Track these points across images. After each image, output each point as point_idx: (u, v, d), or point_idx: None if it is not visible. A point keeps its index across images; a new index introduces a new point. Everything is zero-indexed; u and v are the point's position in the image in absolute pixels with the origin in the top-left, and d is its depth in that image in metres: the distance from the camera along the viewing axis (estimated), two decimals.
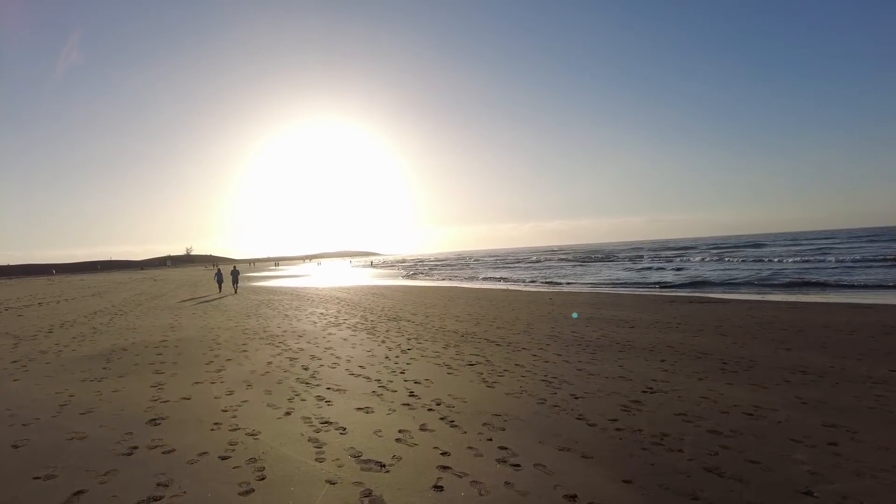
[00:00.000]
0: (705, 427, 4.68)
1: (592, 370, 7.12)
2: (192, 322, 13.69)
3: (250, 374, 7.15)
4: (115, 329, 12.37)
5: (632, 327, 11.41)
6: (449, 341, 9.74)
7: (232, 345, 9.75)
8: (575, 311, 14.92)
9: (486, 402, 5.56)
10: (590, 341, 9.53)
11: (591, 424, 4.79)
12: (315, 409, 5.38)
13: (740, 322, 11.92)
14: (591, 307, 15.86)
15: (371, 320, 13.33)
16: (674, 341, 9.43)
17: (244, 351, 9.04)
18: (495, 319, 13.09)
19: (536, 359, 7.94)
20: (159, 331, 11.95)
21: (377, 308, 16.72)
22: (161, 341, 10.28)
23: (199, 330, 12.01)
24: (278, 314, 15.43)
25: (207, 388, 6.36)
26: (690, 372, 6.95)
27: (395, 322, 12.89)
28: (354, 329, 11.71)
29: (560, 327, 11.46)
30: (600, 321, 12.41)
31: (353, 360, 8.06)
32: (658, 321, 12.33)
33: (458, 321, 12.88)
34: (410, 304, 18.31)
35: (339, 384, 6.44)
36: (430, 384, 6.39)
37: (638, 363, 7.57)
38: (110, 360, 8.25)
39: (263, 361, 8.02)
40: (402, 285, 32.21)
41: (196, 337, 10.86)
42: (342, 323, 12.90)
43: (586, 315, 13.70)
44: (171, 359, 8.39)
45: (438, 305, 17.39)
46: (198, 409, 5.40)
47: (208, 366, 7.76)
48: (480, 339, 9.89)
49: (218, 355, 8.64)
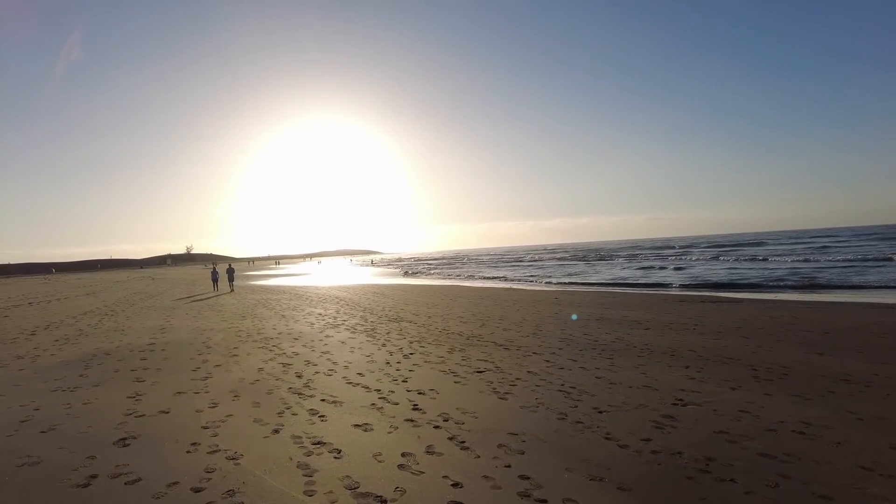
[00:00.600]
0: (754, 449, 4.07)
1: (613, 378, 6.51)
2: (184, 323, 13.10)
3: (239, 382, 6.55)
4: (102, 331, 11.77)
5: (647, 329, 10.80)
6: (454, 345, 9.14)
7: (223, 348, 9.15)
8: (582, 311, 14.32)
9: (500, 418, 4.96)
10: (605, 345, 8.92)
11: (623, 446, 4.19)
12: (307, 425, 4.78)
13: (759, 323, 11.31)
14: (600, 307, 15.26)
15: (371, 321, 12.73)
16: (694, 344, 8.82)
17: (235, 355, 8.44)
18: (501, 320, 12.48)
19: (550, 365, 7.33)
20: (148, 333, 11.35)
21: (377, 308, 16.11)
22: (148, 344, 9.68)
23: (191, 332, 11.41)
24: (275, 314, 14.84)
25: (190, 399, 5.76)
26: (720, 380, 6.34)
27: (396, 323, 12.29)
28: (353, 331, 11.11)
29: (571, 329, 10.85)
30: (612, 322, 11.80)
31: (351, 366, 7.46)
32: (673, 322, 11.72)
33: (462, 322, 12.28)
34: (411, 303, 17.71)
35: (336, 395, 5.83)
36: (436, 395, 5.79)
37: (661, 370, 6.96)
38: (89, 367, 7.65)
39: (254, 368, 7.42)
40: (402, 284, 31.62)
41: (186, 339, 10.27)
42: (341, 324, 12.30)
43: (596, 316, 13.09)
44: (155, 364, 7.79)
45: (441, 305, 16.79)
46: (175, 426, 4.80)
47: (194, 372, 7.16)
48: (487, 343, 9.28)
49: (206, 360, 8.05)
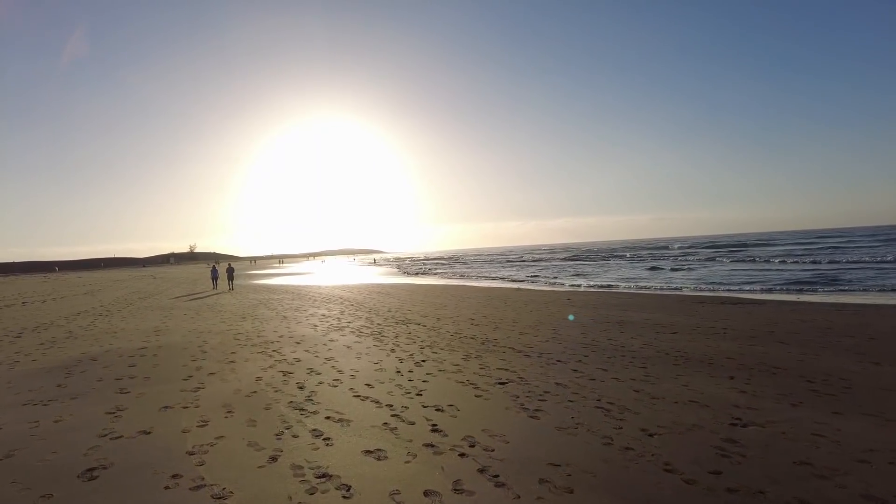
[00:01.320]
0: (854, 488, 3.35)
1: (653, 391, 5.79)
2: (180, 325, 12.44)
3: (234, 394, 5.87)
4: (93, 333, 11.12)
5: (674, 333, 10.06)
6: (469, 350, 8.43)
7: (219, 353, 8.47)
8: (599, 313, 13.59)
9: (535, 442, 4.25)
10: (634, 351, 8.20)
11: (690, 481, 3.47)
12: (310, 451, 4.09)
13: (792, 327, 10.55)
14: (617, 309, 14.52)
15: (377, 323, 12.04)
16: (731, 351, 8.09)
17: (232, 362, 7.76)
18: (515, 323, 11.77)
19: (579, 375, 6.61)
20: (141, 335, 10.69)
21: (383, 309, 15.42)
22: (140, 349, 9.01)
23: (187, 334, 10.74)
24: (276, 315, 14.16)
25: (177, 415, 5.08)
26: (775, 394, 5.61)
27: (403, 326, 11.59)
28: (359, 334, 10.42)
29: (592, 333, 10.13)
30: (635, 326, 11.06)
31: (358, 375, 6.76)
32: (699, 325, 10.98)
33: (473, 325, 11.57)
34: (418, 304, 17.01)
35: (342, 411, 5.14)
36: (456, 412, 5.08)
37: (704, 381, 6.24)
38: (71, 374, 6.98)
39: (252, 377, 6.73)
40: (407, 283, 30.93)
41: (180, 343, 9.60)
42: (345, 326, 11.61)
43: (615, 318, 12.36)
44: (144, 372, 7.11)
45: (449, 306, 16.08)
46: (156, 452, 4.11)
47: (185, 382, 6.48)
48: (505, 348, 8.57)
49: (200, 367, 7.36)
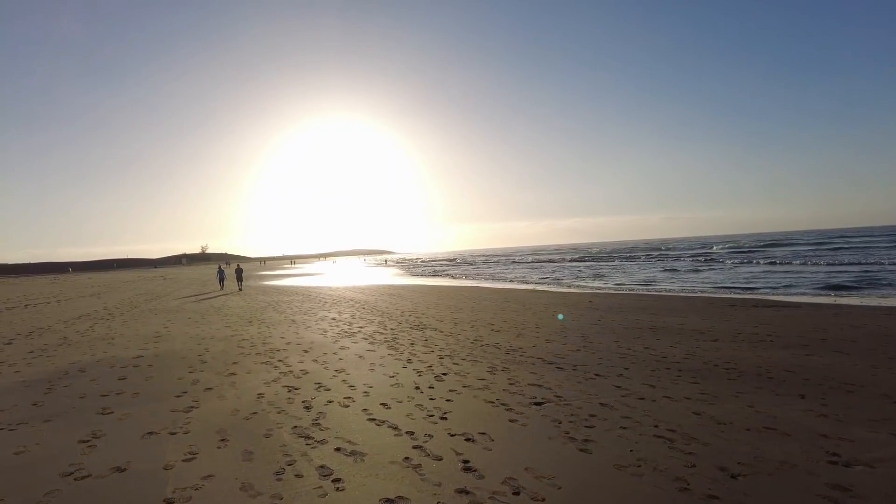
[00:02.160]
0: None
1: (716, 414, 4.94)
2: (183, 330, 11.79)
3: (231, 415, 5.13)
4: (88, 339, 10.50)
5: (715, 340, 9.17)
6: (493, 361, 7.62)
7: (220, 363, 7.77)
8: (627, 317, 12.70)
9: (594, 488, 3.43)
10: (677, 362, 7.33)
11: None
12: (316, 498, 3.32)
13: (844, 333, 9.59)
14: (645, 313, 13.61)
15: (391, 328, 11.28)
16: (787, 362, 7.19)
17: (232, 374, 7.04)
18: (539, 329, 10.93)
19: (624, 393, 5.78)
20: (140, 341, 10.04)
21: (396, 312, 14.67)
22: (135, 357, 8.34)
23: (188, 341, 10.07)
24: (285, 319, 13.48)
25: (162, 444, 4.34)
26: (865, 419, 4.74)
27: (419, 331, 10.82)
28: (372, 340, 9.67)
29: (626, 340, 9.27)
30: (670, 332, 10.17)
31: (372, 391, 6.00)
32: (739, 331, 10.06)
33: (494, 331, 10.76)
34: (433, 307, 16.23)
35: (355, 440, 4.37)
36: (490, 443, 4.28)
37: (771, 401, 5.37)
38: (52, 389, 6.29)
39: (253, 393, 6.00)
40: (419, 285, 30.19)
41: (180, 351, 8.92)
42: (357, 332, 10.87)
43: (647, 323, 11.46)
44: (134, 386, 6.41)
45: (465, 309, 15.28)
46: (127, 497, 3.37)
47: (178, 399, 5.76)
48: (533, 359, 7.75)
49: (197, 381, 6.65)
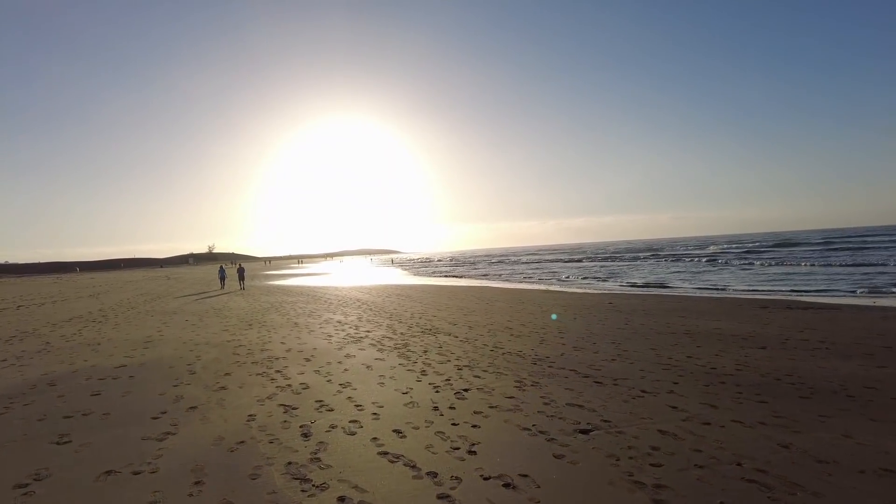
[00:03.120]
0: None
1: (809, 447, 3.98)
2: (177, 334, 10.96)
3: (213, 446, 4.24)
4: (72, 345, 9.68)
5: (762, 348, 8.17)
6: (519, 373, 6.68)
7: (210, 375, 6.90)
8: (657, 321, 11.71)
9: None
10: (731, 375, 6.35)
11: None
12: None
13: None
14: (674, 315, 12.59)
15: (401, 333, 10.38)
16: (858, 376, 6.19)
17: (223, 388, 6.16)
18: (563, 334, 9.98)
19: (684, 416, 4.82)
20: (127, 348, 9.21)
21: (405, 314, 13.77)
22: (117, 367, 7.50)
23: (180, 347, 9.23)
24: (287, 322, 12.63)
25: (118, 491, 3.44)
26: None
27: (432, 336, 9.91)
28: (381, 347, 8.77)
29: (663, 348, 8.29)
30: (709, 337, 9.18)
31: (382, 412, 5.09)
32: (786, 337, 9.03)
33: (514, 336, 9.82)
34: (443, 308, 15.31)
35: (363, 485, 3.45)
36: (536, 490, 3.34)
37: (867, 427, 4.39)
38: (10, 408, 5.41)
39: (243, 414, 5.11)
40: (427, 285, 29.30)
41: (169, 359, 8.07)
42: (364, 337, 9.98)
43: (680, 328, 10.46)
44: (105, 405, 5.54)
45: (478, 311, 14.35)
46: None
47: (154, 423, 4.88)
48: (564, 371, 6.80)
49: (181, 397, 5.78)
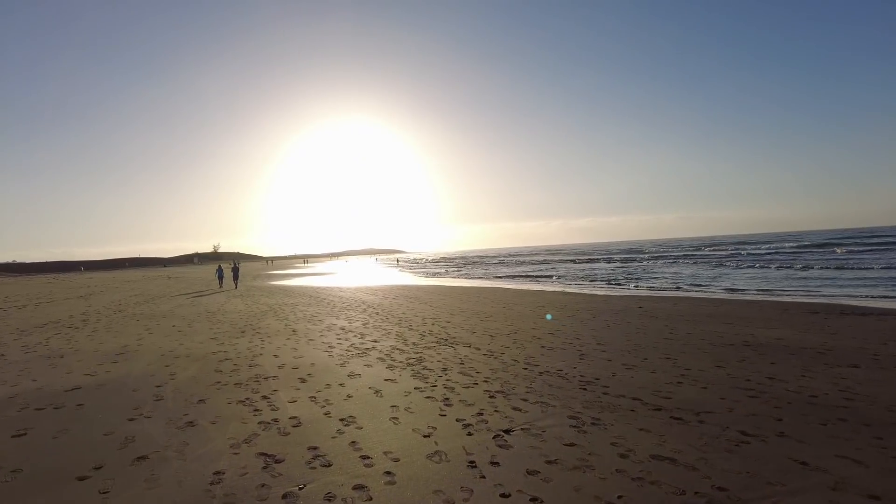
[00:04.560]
0: None
1: None
2: (158, 343, 9.61)
3: None
4: (30, 357, 8.32)
5: (854, 366, 6.70)
6: (570, 403, 5.24)
7: (181, 402, 5.51)
8: (701, 328, 10.24)
9: None
10: (846, 408, 4.88)
11: None
12: None
13: None
14: (720, 322, 11.09)
15: (413, 343, 8.98)
16: None
17: (190, 424, 4.77)
18: (603, 346, 8.52)
19: (829, 482, 3.35)
20: (94, 361, 7.85)
21: (415, 319, 12.38)
22: (69, 390, 6.12)
23: (156, 360, 7.86)
24: (284, 329, 11.26)
25: None
26: None
27: (449, 348, 8.50)
28: (391, 362, 7.37)
29: (731, 365, 6.82)
30: (779, 352, 7.68)
31: (399, 471, 3.66)
32: (874, 352, 7.54)
33: (545, 348, 8.39)
34: (457, 312, 13.90)
35: None
36: None
37: None
38: None
39: (208, 470, 3.71)
40: (435, 285, 27.90)
41: (137, 378, 6.69)
42: (371, 348, 8.59)
43: (737, 337, 8.96)
44: (22, 454, 4.14)
45: (497, 317, 12.92)
46: None
47: (75, 489, 3.48)
48: (625, 399, 5.34)
49: (132, 439, 4.39)
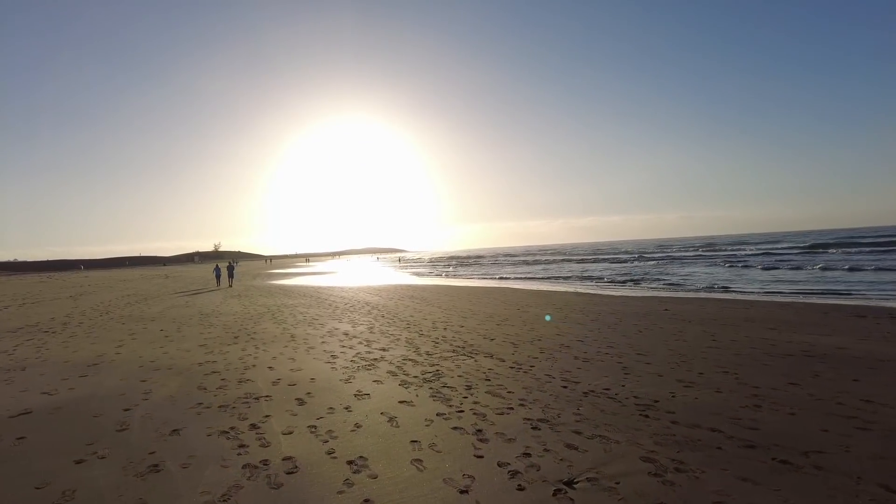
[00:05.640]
0: None
1: None
2: (139, 351, 8.55)
3: None
4: None
5: None
6: (637, 437, 4.15)
7: (149, 433, 4.44)
8: (743, 333, 9.13)
9: None
10: None
11: None
12: None
13: None
14: (760, 327, 9.95)
15: (426, 352, 7.90)
16: None
17: (153, 469, 3.69)
18: (647, 357, 7.42)
19: None
20: (59, 375, 6.79)
21: (425, 323, 11.30)
22: (15, 416, 5.05)
23: (132, 374, 6.80)
24: (282, 334, 10.20)
25: None
26: None
27: (469, 359, 7.42)
28: (404, 377, 6.29)
29: (808, 383, 5.72)
30: (847, 362, 6.56)
31: None
32: None
33: (579, 360, 7.30)
34: (469, 315, 12.82)
35: None
36: None
37: None
38: None
39: None
40: (441, 285, 26.82)
41: (104, 397, 5.63)
42: (380, 359, 7.51)
43: (791, 346, 7.85)
44: None
45: (513, 320, 11.83)
46: None
47: None
48: (704, 431, 4.26)
49: (69, 496, 3.32)
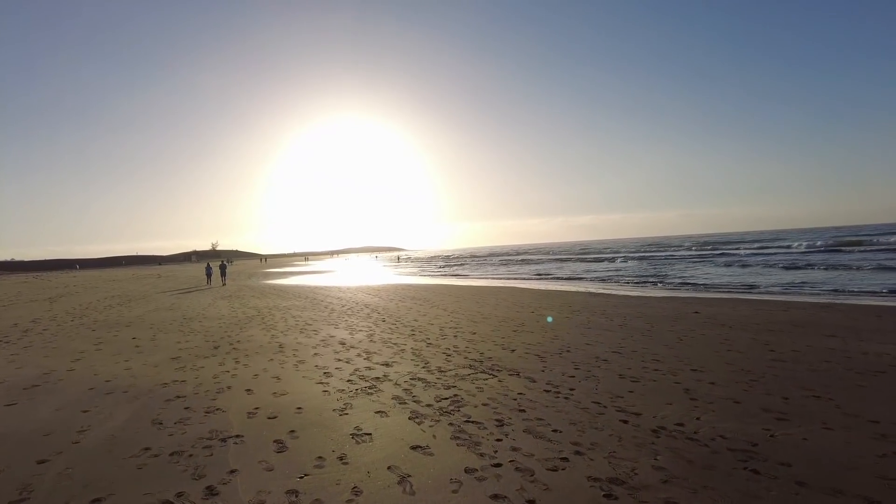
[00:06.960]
0: None
1: None
2: (98, 366, 7.31)
3: None
4: None
5: None
6: None
7: None
8: (789, 341, 7.91)
9: None
10: None
11: None
12: None
13: None
14: (815, 333, 8.71)
15: (439, 368, 6.66)
16: None
17: None
18: (707, 375, 6.19)
19: None
20: None
21: (432, 329, 10.08)
22: None
23: (77, 398, 5.56)
24: (270, 343, 8.97)
25: None
26: None
27: (491, 378, 6.18)
28: (414, 406, 5.06)
29: None
30: None
31: None
32: None
33: (626, 380, 6.06)
34: (479, 319, 11.59)
35: None
36: None
37: None
38: None
39: None
40: (444, 285, 25.61)
41: (23, 439, 4.40)
42: (382, 377, 6.28)
43: (870, 359, 6.63)
44: None
45: (530, 325, 10.60)
46: None
47: None
48: (847, 502, 3.04)
49: None
